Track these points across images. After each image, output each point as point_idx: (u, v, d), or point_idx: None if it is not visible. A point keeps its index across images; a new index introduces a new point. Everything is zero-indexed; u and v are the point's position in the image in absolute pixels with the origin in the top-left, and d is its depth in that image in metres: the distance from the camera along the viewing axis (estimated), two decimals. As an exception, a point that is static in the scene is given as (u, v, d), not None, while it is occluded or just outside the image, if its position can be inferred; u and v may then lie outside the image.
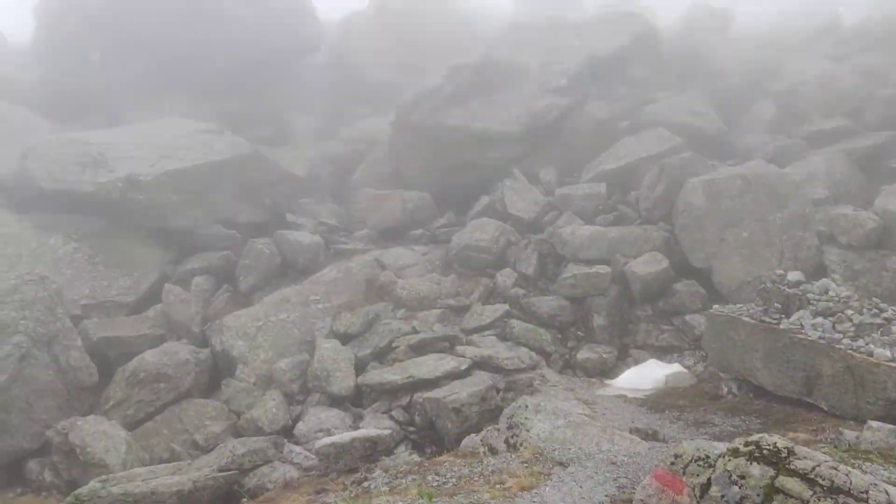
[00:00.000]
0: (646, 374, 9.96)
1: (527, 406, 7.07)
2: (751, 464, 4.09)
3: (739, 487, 4.06)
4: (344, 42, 25.40)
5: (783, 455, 4.07)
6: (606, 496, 5.51)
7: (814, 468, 3.95)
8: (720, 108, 16.93)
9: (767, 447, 4.13)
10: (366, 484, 6.40)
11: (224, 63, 22.06)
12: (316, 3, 25.13)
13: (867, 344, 7.12)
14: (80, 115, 20.05)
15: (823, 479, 3.88)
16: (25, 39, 23.98)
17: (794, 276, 8.61)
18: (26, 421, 8.83)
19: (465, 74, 16.43)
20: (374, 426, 8.47)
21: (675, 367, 10.07)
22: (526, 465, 6.22)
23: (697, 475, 4.37)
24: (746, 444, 4.22)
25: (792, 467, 3.99)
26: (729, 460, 4.21)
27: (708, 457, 4.42)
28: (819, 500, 3.79)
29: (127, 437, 8.77)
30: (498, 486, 5.77)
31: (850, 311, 7.65)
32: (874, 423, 5.95)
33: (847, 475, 3.89)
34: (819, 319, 7.63)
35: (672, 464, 4.59)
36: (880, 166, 13.45)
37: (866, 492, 3.81)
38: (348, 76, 24.70)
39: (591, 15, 20.83)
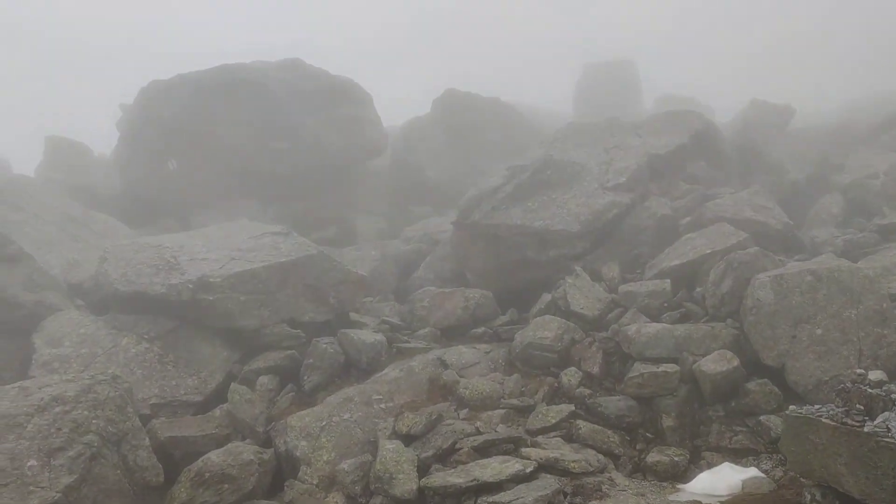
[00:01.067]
0: (720, 479, 9.46)
1: (596, 512, 6.82)
2: (842, 580, 3.82)
3: None
4: (406, 145, 26.32)
5: (878, 571, 3.79)
6: None
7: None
8: (784, 203, 16.74)
9: (860, 562, 3.87)
10: None
11: (291, 168, 23.06)
12: (379, 110, 26.28)
13: (961, 448, 6.68)
14: (156, 220, 21.08)
15: None
16: (109, 150, 25.65)
17: (875, 375, 8.21)
18: (93, 522, 8.86)
19: (524, 174, 16.70)
20: (438, 532, 8.24)
21: (752, 472, 9.55)
22: (597, 576, 5.94)
23: (784, 592, 4.09)
24: (836, 559, 3.96)
25: (888, 585, 3.71)
26: (818, 576, 3.95)
27: (794, 571, 4.15)
28: None
29: (190, 539, 8.72)
30: None
31: (939, 413, 7.22)
32: (976, 537, 5.52)
33: None
34: (906, 422, 7.22)
35: (755, 578, 4.31)
36: (958, 259, 12.97)
37: None
38: (410, 177, 25.49)
39: (650, 114, 21.20)
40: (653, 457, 10.19)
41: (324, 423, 10.62)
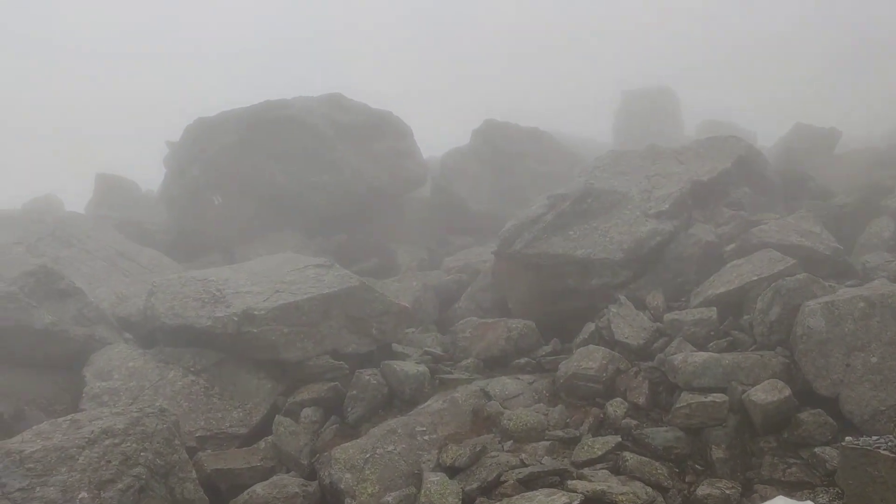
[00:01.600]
0: (775, 514, 9.20)
1: (646, 547, 6.66)
2: None
3: None
4: (446, 176, 26.45)
5: None
6: None
7: None
8: (832, 228, 16.36)
9: None
10: None
11: (333, 202, 23.34)
12: (419, 143, 26.54)
13: None
14: (202, 254, 21.45)
15: None
16: (155, 186, 26.31)
17: (934, 404, 7.94)
18: (141, 554, 8.92)
19: (565, 203, 16.62)
20: (484, 566, 8.12)
21: (809, 506, 9.27)
22: None
23: None
24: None
25: None
26: None
27: None
28: None
29: (236, 573, 8.73)
30: None
31: None
32: None
33: None
34: (970, 453, 6.94)
35: None
36: None
37: None
38: (451, 208, 25.58)
39: (691, 140, 20.98)
40: (703, 490, 9.93)
41: (368, 456, 10.58)
